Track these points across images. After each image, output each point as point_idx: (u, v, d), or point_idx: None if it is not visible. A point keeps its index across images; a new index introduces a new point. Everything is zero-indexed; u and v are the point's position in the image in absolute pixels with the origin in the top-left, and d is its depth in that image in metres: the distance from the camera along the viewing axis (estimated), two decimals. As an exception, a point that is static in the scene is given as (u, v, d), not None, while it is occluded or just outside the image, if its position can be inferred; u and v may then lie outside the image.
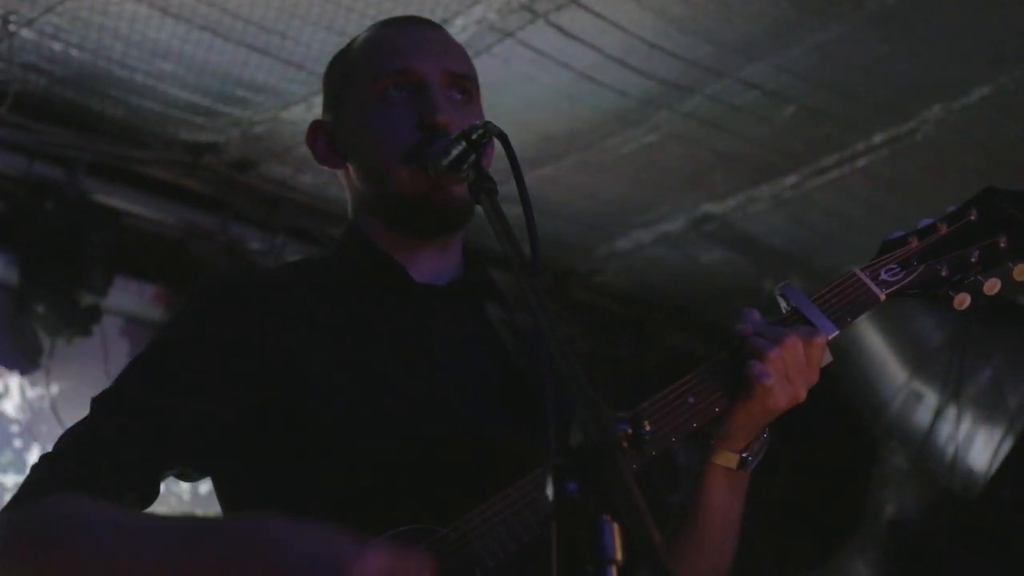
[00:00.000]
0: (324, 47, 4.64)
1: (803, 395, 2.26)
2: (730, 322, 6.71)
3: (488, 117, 2.39)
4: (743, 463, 2.34)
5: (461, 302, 2.45)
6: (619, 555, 1.57)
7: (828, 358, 2.30)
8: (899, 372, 6.47)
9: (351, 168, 2.48)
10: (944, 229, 2.43)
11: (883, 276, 2.38)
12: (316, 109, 4.97)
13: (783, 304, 2.35)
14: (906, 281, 2.39)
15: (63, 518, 2.08)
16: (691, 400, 2.24)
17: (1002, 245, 2.42)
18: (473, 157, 2.17)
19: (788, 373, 2.24)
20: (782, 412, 2.26)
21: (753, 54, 4.80)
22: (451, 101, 2.40)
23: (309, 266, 2.55)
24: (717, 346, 2.33)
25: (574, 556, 1.59)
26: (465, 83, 2.45)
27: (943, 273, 2.40)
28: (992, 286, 2.41)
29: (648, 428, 1.69)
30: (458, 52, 2.50)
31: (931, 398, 6.45)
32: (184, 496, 5.54)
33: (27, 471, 2.20)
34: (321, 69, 4.74)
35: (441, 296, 2.42)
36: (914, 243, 2.42)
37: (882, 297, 2.36)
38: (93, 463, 2.15)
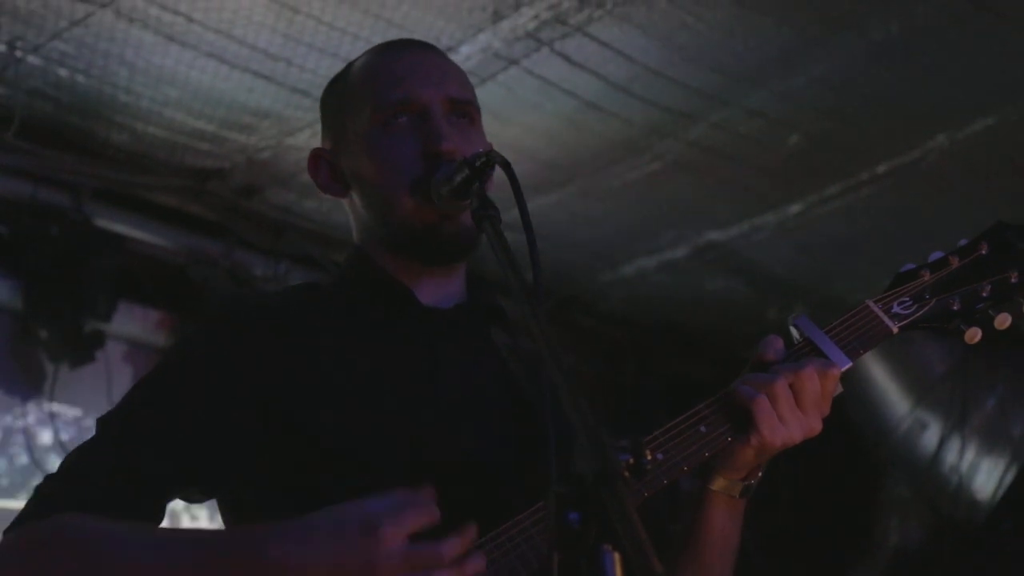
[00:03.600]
0: (329, 74, 4.59)
1: (818, 427, 2.27)
2: (733, 348, 6.67)
3: (493, 144, 2.40)
4: (745, 491, 2.35)
5: (466, 326, 2.44)
6: (620, 585, 1.56)
7: (839, 388, 2.30)
8: (903, 401, 6.46)
9: (355, 196, 2.47)
10: (955, 263, 2.45)
11: (895, 309, 2.40)
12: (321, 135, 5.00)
13: (795, 335, 2.36)
14: (918, 314, 2.40)
15: (67, 535, 2.08)
16: (703, 429, 2.24)
17: (1013, 280, 2.43)
18: (476, 184, 2.18)
19: (803, 405, 2.24)
20: (796, 444, 2.27)
21: (758, 83, 4.81)
22: (454, 126, 2.38)
23: (314, 290, 2.54)
24: (737, 374, 2.33)
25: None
26: (467, 108, 2.43)
27: (955, 307, 2.42)
28: (1003, 321, 2.42)
29: (650, 456, 1.69)
30: (458, 76, 2.48)
31: (935, 427, 6.44)
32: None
33: (27, 496, 2.19)
34: (326, 96, 4.79)
35: (446, 319, 2.42)
36: (926, 276, 2.43)
37: (895, 330, 2.37)
38: (98, 485, 2.14)
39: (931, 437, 6.44)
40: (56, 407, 5.44)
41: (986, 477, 6.33)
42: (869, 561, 6.75)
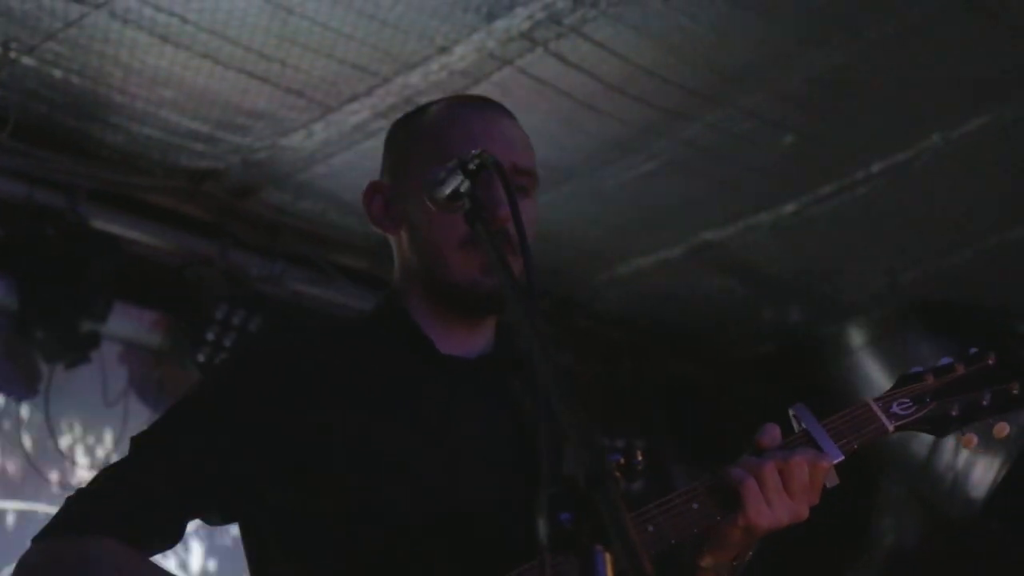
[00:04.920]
0: (324, 74, 4.66)
1: (805, 514, 2.32)
2: (728, 348, 6.64)
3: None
4: (732, 571, 2.40)
5: (487, 377, 2.48)
6: (611, 586, 1.56)
7: (833, 480, 2.36)
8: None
9: (404, 236, 2.51)
10: (961, 370, 2.50)
11: (895, 409, 2.45)
12: (316, 136, 5.01)
13: (795, 424, 2.41)
14: (916, 416, 2.46)
15: (86, 560, 2.18)
16: (695, 506, 2.29)
17: (1014, 392, 2.48)
18: (469, 186, 2.19)
19: (791, 490, 2.30)
20: (783, 528, 2.32)
21: (752, 82, 4.81)
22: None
23: (345, 330, 2.62)
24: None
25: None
26: (528, 179, 2.49)
27: (953, 413, 2.47)
28: (1000, 430, 2.48)
29: (640, 457, 1.70)
30: (526, 145, 2.54)
31: (930, 426, 6.44)
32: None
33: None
34: (320, 96, 4.82)
35: (469, 369, 2.46)
36: (930, 380, 2.48)
37: (891, 429, 2.43)
38: (123, 505, 2.25)
39: (926, 436, 6.44)
40: (51, 407, 5.44)
41: (981, 476, 6.34)
42: (865, 560, 6.75)
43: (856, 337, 6.53)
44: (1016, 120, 4.96)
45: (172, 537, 2.30)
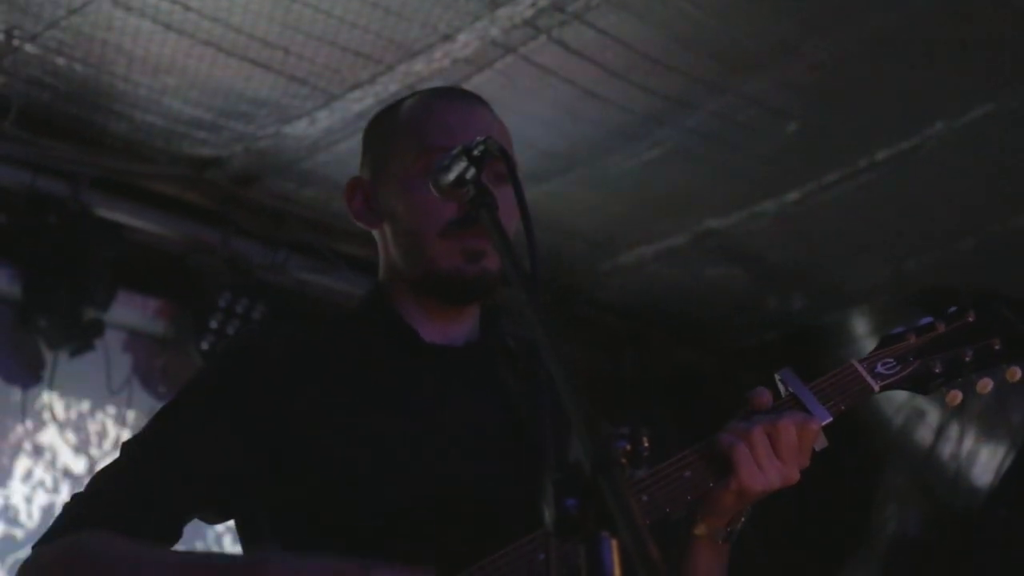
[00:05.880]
0: (327, 62, 4.66)
1: (795, 476, 2.35)
2: (732, 337, 6.64)
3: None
4: (727, 536, 2.42)
5: (475, 364, 2.50)
6: (618, 572, 1.56)
7: (823, 442, 2.38)
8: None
9: (387, 230, 2.54)
10: (942, 328, 2.52)
11: (879, 369, 2.47)
12: (319, 124, 5.01)
13: (782, 389, 2.43)
14: (901, 375, 2.48)
15: (89, 553, 2.21)
16: (688, 474, 2.32)
17: (996, 347, 2.51)
18: (472, 172, 2.19)
19: (781, 455, 2.32)
20: (774, 492, 2.34)
21: (756, 70, 4.81)
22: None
23: (332, 325, 2.65)
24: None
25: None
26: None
27: (936, 370, 2.49)
28: (984, 386, 2.50)
29: (647, 443, 1.71)
30: (502, 132, 2.53)
31: (933, 415, 6.44)
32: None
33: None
34: (324, 84, 4.82)
35: (455, 357, 2.49)
36: (912, 339, 2.51)
37: (876, 388, 2.45)
38: (120, 506, 2.27)
39: (929, 426, 6.45)
40: (55, 395, 5.45)
41: (985, 465, 6.34)
42: (868, 550, 6.76)
43: (860, 326, 6.52)
44: (1020, 108, 4.95)
45: (171, 537, 2.31)
